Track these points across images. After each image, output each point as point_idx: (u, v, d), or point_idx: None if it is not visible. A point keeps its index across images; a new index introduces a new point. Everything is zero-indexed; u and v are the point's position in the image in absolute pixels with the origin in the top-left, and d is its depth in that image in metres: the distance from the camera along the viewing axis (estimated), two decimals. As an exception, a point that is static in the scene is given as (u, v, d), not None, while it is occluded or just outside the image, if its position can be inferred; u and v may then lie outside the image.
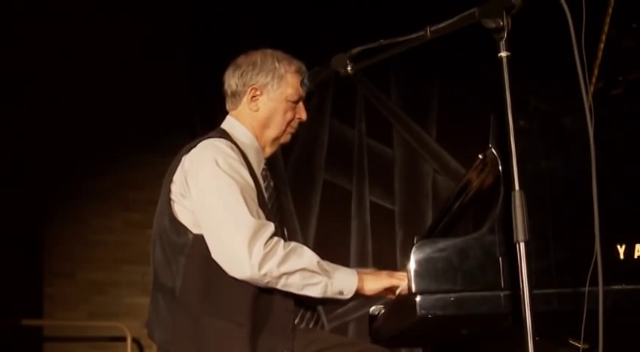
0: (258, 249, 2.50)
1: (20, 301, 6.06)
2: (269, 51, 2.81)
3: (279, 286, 2.54)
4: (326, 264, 2.59)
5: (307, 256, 2.56)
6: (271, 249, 2.51)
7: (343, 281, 2.59)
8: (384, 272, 2.70)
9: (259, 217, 2.57)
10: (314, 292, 2.56)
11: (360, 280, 2.61)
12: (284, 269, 2.52)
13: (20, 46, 6.31)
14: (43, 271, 6.27)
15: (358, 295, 2.64)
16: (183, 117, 6.49)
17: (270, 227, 2.56)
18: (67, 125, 6.39)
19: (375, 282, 2.64)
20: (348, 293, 2.60)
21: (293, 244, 2.58)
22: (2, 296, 5.85)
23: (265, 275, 2.51)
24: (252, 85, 2.76)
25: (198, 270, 2.57)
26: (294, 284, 2.54)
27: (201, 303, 2.55)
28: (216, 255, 2.55)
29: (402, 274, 2.60)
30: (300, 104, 2.80)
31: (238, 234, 2.51)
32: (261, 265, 2.50)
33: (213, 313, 2.54)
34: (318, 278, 2.55)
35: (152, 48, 6.64)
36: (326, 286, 2.56)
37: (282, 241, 2.56)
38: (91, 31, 6.54)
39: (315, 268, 2.55)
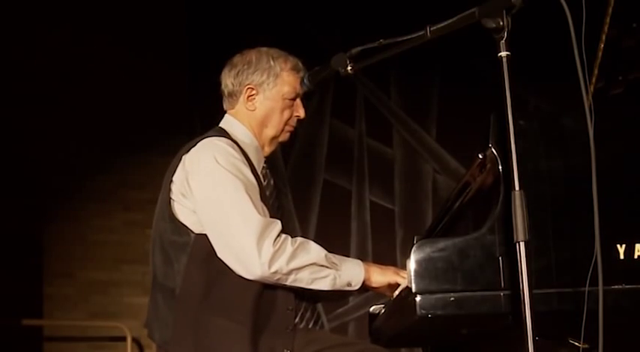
0: (267, 247, 2.50)
1: (20, 301, 6.06)
2: (264, 49, 2.80)
3: (289, 282, 2.54)
4: (333, 257, 2.61)
5: (315, 251, 2.57)
6: (280, 247, 2.52)
7: (351, 273, 2.61)
8: (391, 268, 2.70)
9: (265, 215, 2.58)
10: (323, 285, 2.57)
11: (367, 271, 2.63)
12: (293, 265, 2.52)
13: (20, 46, 6.31)
14: (43, 271, 6.27)
15: (365, 286, 2.65)
16: (183, 117, 6.50)
17: (278, 224, 2.56)
18: (67, 125, 6.39)
19: (382, 275, 2.66)
20: (356, 285, 2.61)
21: (300, 240, 2.59)
22: (2, 296, 5.85)
23: (275, 272, 2.51)
24: (248, 84, 2.76)
25: (200, 269, 2.57)
26: (304, 279, 2.55)
27: (202, 302, 2.55)
28: (224, 254, 2.55)
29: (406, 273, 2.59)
30: (298, 101, 2.79)
31: (246, 233, 2.51)
32: (271, 263, 2.50)
33: (214, 312, 2.54)
34: (326, 271, 2.57)
35: (152, 48, 6.64)
36: (334, 279, 2.57)
37: (289, 238, 2.56)
38: (91, 31, 6.54)
39: (324, 262, 2.57)
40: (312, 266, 2.55)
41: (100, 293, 6.39)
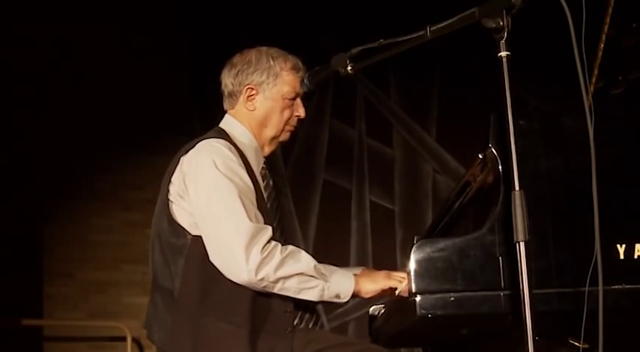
0: (256, 253, 2.49)
1: (20, 301, 6.06)
2: (264, 49, 2.78)
3: (276, 290, 2.53)
4: (323, 268, 2.58)
5: (304, 260, 2.55)
6: (268, 254, 2.50)
7: (340, 285, 2.57)
8: (382, 273, 2.67)
9: (257, 221, 2.56)
10: (310, 296, 2.55)
11: (357, 283, 2.60)
12: (280, 273, 2.51)
13: (20, 46, 6.31)
14: (43, 271, 6.27)
15: (357, 298, 2.63)
16: (183, 117, 6.49)
17: (268, 231, 2.55)
18: (67, 125, 6.39)
19: (373, 284, 2.62)
20: (345, 297, 2.59)
21: (290, 248, 2.57)
22: (2, 296, 5.85)
23: (262, 279, 2.50)
24: (248, 84, 2.74)
25: (197, 272, 2.56)
26: (291, 289, 2.53)
27: (200, 304, 2.55)
28: (214, 258, 2.54)
29: (400, 275, 2.59)
30: (298, 101, 2.77)
31: (236, 238, 2.50)
32: (258, 270, 2.49)
33: (212, 314, 2.53)
34: (314, 282, 2.55)
35: (152, 48, 6.64)
36: (322, 290, 2.55)
37: (279, 245, 2.55)
38: (90, 31, 6.54)
39: (312, 272, 2.54)
40: (300, 275, 2.53)
41: (100, 293, 6.39)
